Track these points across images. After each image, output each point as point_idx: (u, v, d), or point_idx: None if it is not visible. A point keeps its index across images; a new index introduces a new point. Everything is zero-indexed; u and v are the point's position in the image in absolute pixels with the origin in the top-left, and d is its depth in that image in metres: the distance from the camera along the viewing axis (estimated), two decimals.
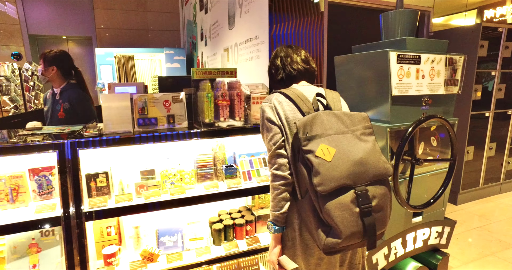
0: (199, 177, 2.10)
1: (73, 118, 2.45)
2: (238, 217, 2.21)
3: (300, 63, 1.48)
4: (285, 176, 1.28)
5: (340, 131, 1.21)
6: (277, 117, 1.33)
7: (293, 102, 1.34)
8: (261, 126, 1.40)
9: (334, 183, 1.09)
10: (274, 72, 1.54)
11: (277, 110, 1.33)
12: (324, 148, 1.12)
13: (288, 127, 1.31)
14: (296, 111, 1.32)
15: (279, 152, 1.30)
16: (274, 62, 1.54)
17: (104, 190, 1.82)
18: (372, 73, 1.88)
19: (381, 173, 1.16)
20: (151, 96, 1.97)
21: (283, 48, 1.55)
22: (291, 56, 1.49)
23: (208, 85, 1.96)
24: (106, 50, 6.20)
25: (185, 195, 1.89)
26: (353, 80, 2.07)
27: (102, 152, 1.94)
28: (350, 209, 1.10)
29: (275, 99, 1.36)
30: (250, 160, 2.17)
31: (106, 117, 1.85)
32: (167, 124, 1.99)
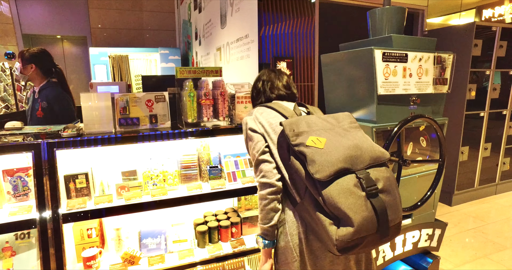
0: (183, 178, 2.06)
1: (52, 117, 2.40)
2: (223, 218, 2.17)
3: (281, 88, 1.50)
4: (272, 183, 1.23)
5: (327, 127, 1.21)
6: (259, 125, 1.34)
7: (275, 111, 1.37)
8: (245, 139, 1.41)
9: (331, 168, 1.02)
10: (255, 95, 1.58)
11: (259, 119, 1.35)
12: (314, 139, 1.10)
13: (273, 131, 1.30)
14: (279, 117, 1.34)
15: (263, 158, 1.27)
16: (256, 85, 1.58)
17: (83, 191, 1.78)
18: (358, 72, 1.84)
19: (378, 155, 1.11)
20: (133, 95, 1.93)
21: (266, 72, 1.58)
22: (272, 81, 1.52)
23: (190, 84, 1.91)
24: (100, 49, 6.16)
25: (166, 197, 1.85)
26: (340, 79, 2.03)
27: (83, 152, 1.90)
28: (355, 193, 1.01)
29: (256, 111, 1.40)
30: (235, 160, 2.13)
31: (87, 117, 1.81)
32: (150, 124, 1.95)
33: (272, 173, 1.24)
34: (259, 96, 1.55)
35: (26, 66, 2.40)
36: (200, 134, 1.91)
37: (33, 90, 2.51)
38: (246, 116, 1.44)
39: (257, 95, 1.57)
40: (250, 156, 1.37)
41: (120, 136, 1.75)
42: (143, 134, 1.80)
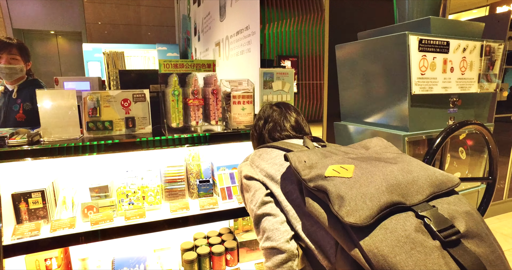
0: (167, 195, 1.69)
1: (35, 120, 2.07)
2: (217, 242, 1.80)
3: (288, 130, 1.18)
4: (281, 247, 0.85)
5: (353, 156, 0.85)
6: (257, 170, 1.03)
7: (279, 149, 1.04)
8: (240, 191, 1.13)
9: (372, 204, 0.64)
10: (256, 137, 1.26)
11: (256, 162, 1.05)
12: (336, 168, 0.74)
13: (279, 173, 0.96)
14: (282, 155, 0.98)
15: (264, 212, 0.92)
16: (256, 125, 1.27)
17: (39, 213, 1.42)
18: (383, 65, 1.47)
19: (442, 180, 0.71)
20: (105, 93, 1.57)
21: (268, 108, 1.26)
22: (276, 122, 1.20)
23: (174, 80, 1.55)
24: (94, 45, 5.83)
25: (144, 220, 1.49)
26: (359, 74, 1.66)
27: (41, 164, 1.54)
28: (420, 243, 0.60)
29: (253, 154, 1.11)
30: (230, 173, 1.76)
31: (45, 120, 1.46)
32: (126, 129, 1.59)
33: (279, 232, 0.86)
34: (261, 139, 1.23)
35: (27, 63, 2.15)
36: (187, 142, 1.54)
37: (4, 89, 2.15)
38: (241, 164, 1.15)
39: (258, 136, 1.25)
40: (249, 213, 1.03)
41: (90, 143, 1.39)
42: (117, 142, 1.44)
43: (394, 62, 1.38)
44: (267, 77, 1.78)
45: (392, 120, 1.47)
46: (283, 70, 1.83)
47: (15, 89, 2.07)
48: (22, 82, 2.14)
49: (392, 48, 1.37)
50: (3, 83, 2.17)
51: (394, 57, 1.37)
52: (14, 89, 2.09)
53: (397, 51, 1.34)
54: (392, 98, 1.44)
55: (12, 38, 2.05)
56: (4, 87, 2.15)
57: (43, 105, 1.45)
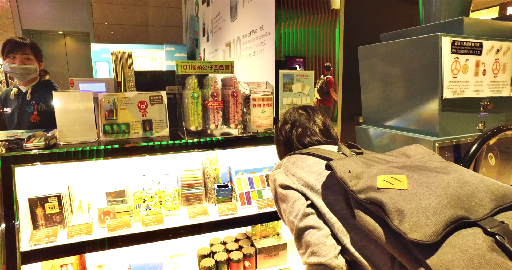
0: (184, 200, 1.65)
1: (50, 122, 2.04)
2: (234, 248, 1.75)
3: (318, 135, 1.14)
4: (330, 263, 0.77)
5: (397, 164, 0.80)
6: (293, 178, 0.98)
7: (314, 155, 1.01)
8: (275, 201, 1.06)
9: (436, 219, 0.58)
10: (282, 142, 1.22)
11: (291, 170, 1.00)
12: (387, 178, 0.69)
13: (318, 182, 0.90)
14: (321, 163, 0.96)
15: (307, 224, 0.85)
16: (282, 129, 1.22)
17: (55, 219, 1.38)
18: (411, 68, 1.41)
19: (505, 192, 0.65)
20: (122, 95, 1.53)
21: (293, 112, 1.23)
22: (304, 126, 1.16)
23: (194, 81, 1.50)
24: (102, 46, 5.81)
25: (162, 226, 1.44)
26: (383, 76, 1.60)
27: (57, 168, 1.51)
28: (499, 265, 0.53)
29: (286, 161, 1.06)
30: (249, 178, 1.71)
31: (61, 123, 1.42)
32: (143, 131, 1.55)
33: (326, 247, 0.79)
34: (288, 145, 1.19)
35: (40, 63, 2.13)
36: (206, 145, 1.50)
37: (18, 91, 2.12)
38: (273, 171, 1.10)
39: (285, 143, 1.20)
40: (287, 225, 0.96)
41: (105, 147, 1.35)
42: (134, 145, 1.40)
43: (423, 64, 1.33)
44: (287, 79, 1.73)
45: (420, 124, 1.41)
46: (303, 72, 1.78)
47: (29, 90, 2.04)
48: (35, 83, 2.11)
49: (422, 50, 1.31)
50: (16, 85, 2.14)
51: (423, 60, 1.32)
52: (28, 90, 2.06)
53: (427, 53, 1.29)
54: (420, 102, 1.39)
55: (25, 38, 2.02)
56: (17, 89, 2.12)
57: (60, 107, 1.41)
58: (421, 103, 1.39)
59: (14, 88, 2.12)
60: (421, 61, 1.34)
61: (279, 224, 1.92)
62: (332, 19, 2.58)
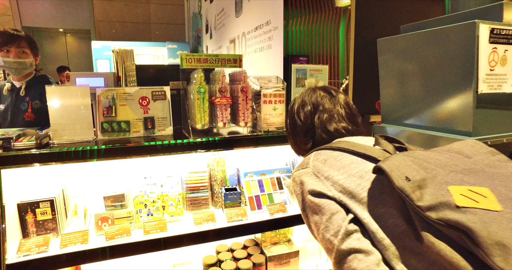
0: (189, 204, 1.52)
1: (45, 119, 1.92)
2: (243, 257, 1.62)
3: (345, 121, 0.96)
4: None
5: (460, 167, 0.64)
6: (328, 183, 0.77)
7: (348, 152, 0.80)
8: (302, 209, 0.84)
9: None
10: (302, 128, 1.00)
11: (324, 172, 0.79)
12: (464, 191, 0.54)
13: (361, 189, 0.71)
14: (361, 163, 0.76)
15: (352, 247, 0.67)
16: (301, 113, 1.00)
17: (47, 226, 1.26)
18: (439, 59, 1.28)
19: None
20: (121, 91, 1.40)
21: (313, 92, 1.02)
22: (330, 111, 0.96)
23: (200, 75, 1.37)
24: (103, 43, 5.70)
25: (165, 234, 1.31)
26: (406, 71, 1.47)
27: (50, 170, 1.38)
28: None
29: (315, 159, 0.84)
30: (259, 180, 1.59)
31: (55, 120, 1.30)
32: (144, 130, 1.42)
33: None
34: (309, 132, 0.98)
35: (36, 58, 1.98)
36: (212, 145, 1.37)
37: (12, 86, 1.99)
38: (297, 170, 0.87)
39: (305, 131, 0.99)
40: (321, 243, 0.77)
41: (104, 147, 1.23)
42: (135, 145, 1.27)
43: (455, 56, 1.19)
44: (300, 74, 1.60)
45: (449, 123, 1.28)
46: (317, 66, 1.65)
47: (23, 86, 1.92)
48: (30, 78, 1.98)
49: (455, 40, 1.18)
50: (10, 80, 2.02)
51: (456, 51, 1.18)
52: (22, 86, 1.93)
53: (461, 43, 1.15)
54: (450, 97, 1.25)
55: (19, 30, 1.89)
56: (11, 84, 1.99)
57: (53, 104, 1.29)
58: (452, 99, 1.26)
59: (7, 83, 1.99)
60: (453, 53, 1.21)
61: (290, 230, 1.79)
62: (336, 17, 2.46)
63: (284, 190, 1.60)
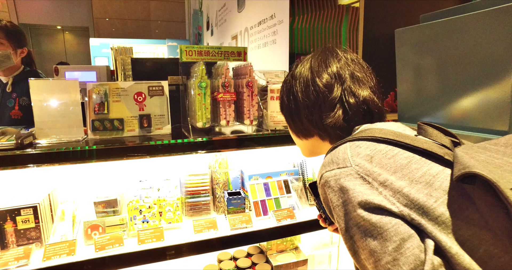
0: (188, 209, 1.39)
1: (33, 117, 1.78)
2: (246, 266, 1.50)
3: (370, 95, 0.73)
4: None
5: None
6: (387, 192, 0.54)
7: (403, 146, 0.59)
8: (345, 228, 0.58)
9: None
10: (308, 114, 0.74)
11: (377, 176, 0.56)
12: None
13: (433, 200, 0.51)
14: (422, 163, 0.56)
15: None
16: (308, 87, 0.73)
17: (30, 235, 1.13)
18: (470, 50, 1.15)
19: None
20: (115, 85, 1.27)
21: (324, 57, 0.75)
22: (353, 81, 0.72)
23: (201, 68, 1.24)
24: (102, 40, 5.57)
25: (162, 243, 1.18)
26: (427, 64, 1.34)
27: (36, 172, 1.25)
28: None
29: (354, 153, 0.60)
30: (265, 183, 1.46)
31: (40, 118, 1.17)
32: (139, 129, 1.29)
33: None
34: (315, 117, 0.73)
35: (18, 50, 1.79)
36: (214, 145, 1.24)
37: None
38: (329, 170, 0.62)
39: (311, 111, 0.73)
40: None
41: (96, 147, 1.10)
42: (129, 145, 1.15)
43: (489, 45, 1.06)
44: None
45: (481, 120, 1.15)
46: None
47: (10, 81, 1.78)
48: (17, 73, 1.84)
49: (489, 26, 1.05)
50: None
51: (492, 38, 1.05)
52: (8, 81, 1.80)
53: (500, 29, 1.02)
54: (481, 92, 1.12)
55: (6, 23, 1.75)
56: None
57: (38, 99, 1.16)
58: (484, 93, 1.13)
59: None
60: (486, 41, 1.08)
61: (298, 237, 1.67)
62: (339, 15, 2.33)
63: (292, 194, 1.47)
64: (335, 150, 0.64)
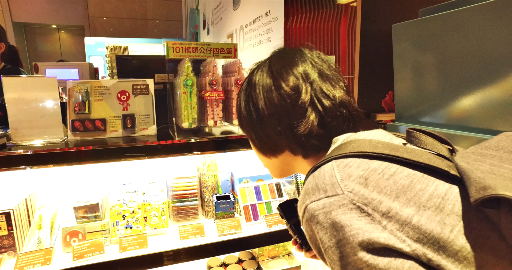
0: (175, 214, 1.33)
1: None
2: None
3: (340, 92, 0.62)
4: None
5: None
6: (392, 226, 0.42)
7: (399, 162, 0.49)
8: None
9: None
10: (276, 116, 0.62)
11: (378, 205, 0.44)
12: None
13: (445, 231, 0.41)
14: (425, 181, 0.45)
15: None
16: (269, 94, 0.62)
17: (2, 243, 1.06)
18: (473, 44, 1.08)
19: None
20: (97, 84, 1.20)
21: (280, 54, 0.67)
22: (323, 74, 0.62)
23: (187, 65, 1.18)
24: (97, 39, 5.50)
25: (145, 251, 1.12)
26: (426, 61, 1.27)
27: (11, 176, 1.19)
28: None
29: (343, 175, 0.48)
30: (256, 186, 1.39)
31: (15, 117, 1.10)
32: (123, 129, 1.23)
33: None
34: (284, 127, 0.61)
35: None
36: (202, 147, 1.17)
37: None
38: (317, 199, 0.48)
39: (278, 120, 0.62)
40: None
41: (75, 149, 1.03)
42: (112, 147, 1.08)
43: (492, 40, 1.00)
44: None
45: (483, 120, 1.08)
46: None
47: None
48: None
49: (492, 20, 0.99)
50: None
51: (493, 33, 0.99)
52: None
53: (500, 23, 0.96)
54: (483, 90, 1.06)
55: None
56: None
57: (13, 97, 1.09)
58: (488, 91, 1.06)
59: None
60: (492, 35, 1.01)
61: (290, 242, 1.60)
62: (338, 14, 2.27)
63: (284, 198, 1.40)
64: (319, 171, 0.51)
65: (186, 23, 6.61)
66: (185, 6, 6.66)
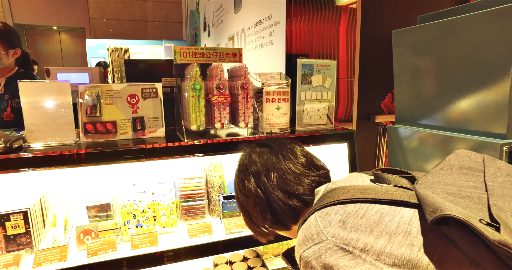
0: (183, 213, 1.37)
1: None
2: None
3: (312, 172, 0.81)
4: None
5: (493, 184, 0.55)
6: (371, 258, 0.51)
7: (368, 201, 0.58)
8: None
9: None
10: (264, 203, 0.81)
11: (356, 243, 0.53)
12: None
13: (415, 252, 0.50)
14: (393, 212, 0.55)
15: None
16: (246, 188, 0.85)
17: (20, 241, 1.10)
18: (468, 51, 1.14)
19: None
20: (107, 87, 1.25)
21: (255, 155, 0.91)
22: (278, 170, 0.80)
23: (195, 70, 1.22)
24: (98, 41, 5.54)
25: (156, 248, 1.16)
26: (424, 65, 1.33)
27: (27, 177, 1.23)
28: None
29: (324, 223, 0.58)
30: None
31: (30, 121, 1.15)
32: (133, 131, 1.27)
33: None
34: (265, 213, 0.82)
35: (9, 50, 1.74)
36: (209, 149, 1.22)
37: None
38: (307, 248, 0.58)
39: (261, 209, 0.82)
40: None
41: (85, 151, 1.08)
42: (122, 149, 1.12)
43: (488, 46, 1.05)
44: (306, 69, 1.45)
45: (479, 123, 1.14)
46: (325, 61, 1.51)
47: (2, 82, 1.76)
48: (11, 74, 1.81)
49: (488, 27, 1.04)
50: None
51: (488, 40, 1.04)
52: (1, 83, 1.77)
53: (496, 31, 1.01)
54: (479, 94, 1.11)
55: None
56: None
57: (28, 101, 1.13)
58: (481, 95, 1.11)
59: None
60: (487, 42, 1.06)
61: (295, 240, 1.64)
62: (337, 16, 2.32)
63: None
64: (306, 225, 0.61)
65: (186, 25, 6.65)
66: (185, 8, 6.70)
